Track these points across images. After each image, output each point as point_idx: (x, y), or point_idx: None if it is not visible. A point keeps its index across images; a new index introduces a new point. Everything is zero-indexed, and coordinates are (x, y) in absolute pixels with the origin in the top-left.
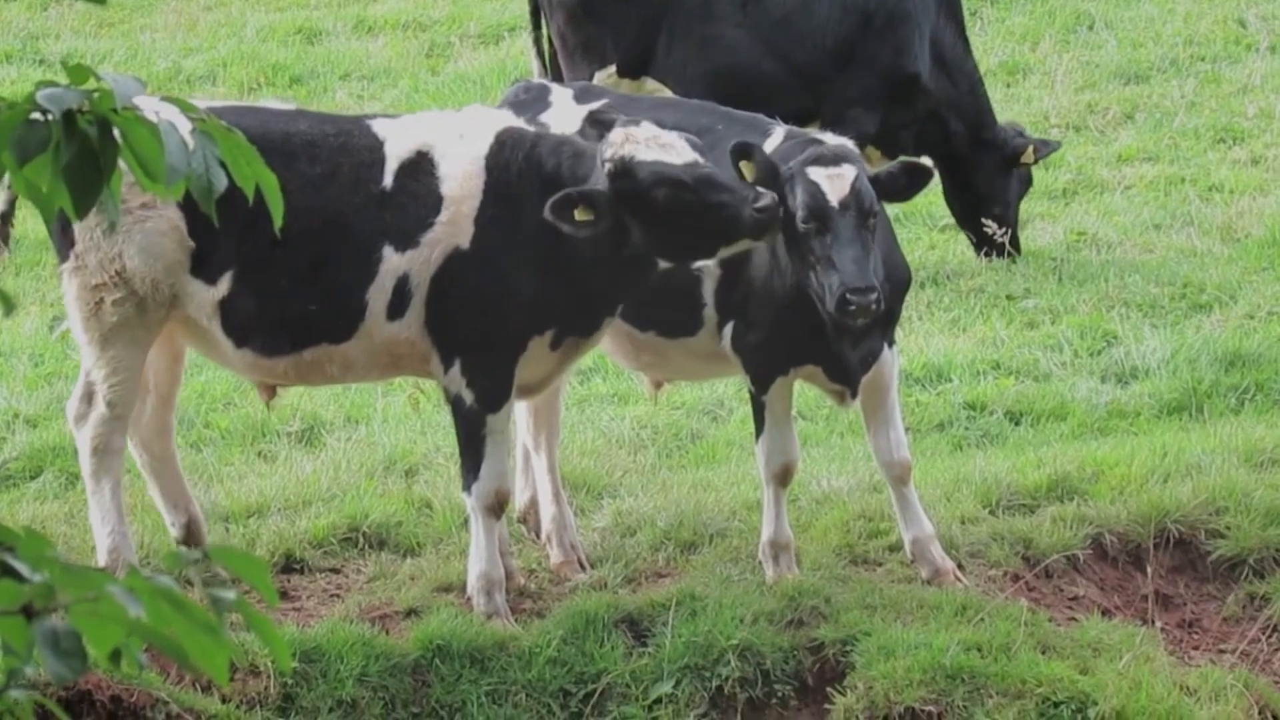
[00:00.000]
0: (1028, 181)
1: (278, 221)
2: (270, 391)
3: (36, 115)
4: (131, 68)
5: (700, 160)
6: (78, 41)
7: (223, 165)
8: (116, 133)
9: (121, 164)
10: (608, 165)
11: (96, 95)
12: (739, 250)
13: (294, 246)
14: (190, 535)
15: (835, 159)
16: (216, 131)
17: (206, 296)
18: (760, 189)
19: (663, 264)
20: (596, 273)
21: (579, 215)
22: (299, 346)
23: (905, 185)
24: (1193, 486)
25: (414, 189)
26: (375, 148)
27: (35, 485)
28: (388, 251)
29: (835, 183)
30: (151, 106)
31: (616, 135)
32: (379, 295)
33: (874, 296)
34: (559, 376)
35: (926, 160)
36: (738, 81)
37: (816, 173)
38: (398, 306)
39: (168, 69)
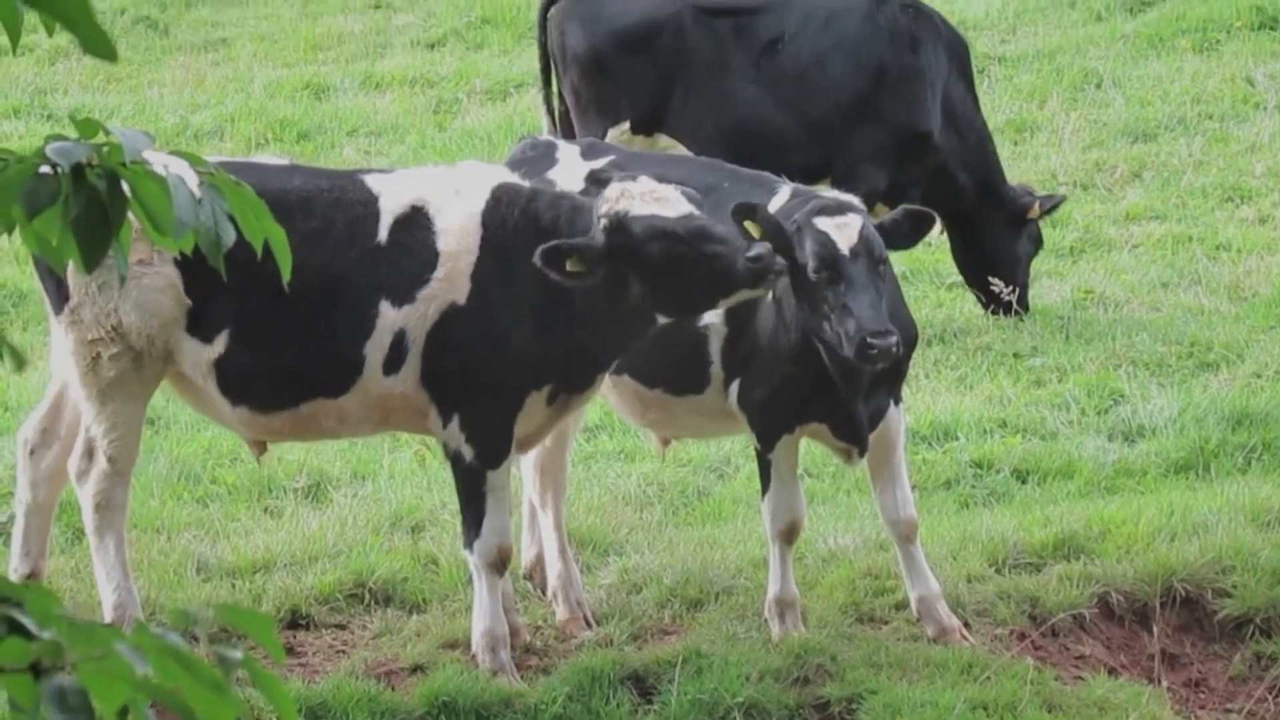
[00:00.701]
0: (1038, 240)
1: (286, 276)
2: (261, 447)
3: (46, 169)
4: (139, 123)
5: (695, 212)
6: (85, 96)
7: (231, 219)
8: (125, 186)
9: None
10: (603, 220)
11: (105, 149)
12: (738, 301)
13: (290, 303)
14: None
15: (840, 208)
16: (225, 186)
17: (202, 355)
18: (754, 240)
19: (662, 319)
20: (594, 328)
21: (570, 266)
22: (295, 401)
23: (909, 232)
24: (1199, 546)
25: (409, 244)
26: (370, 202)
27: None
28: (384, 306)
29: (844, 231)
30: (160, 161)
31: (612, 190)
32: (376, 350)
33: (894, 340)
34: (550, 431)
35: None
36: (752, 137)
37: (824, 222)
38: (394, 361)
39: (175, 124)
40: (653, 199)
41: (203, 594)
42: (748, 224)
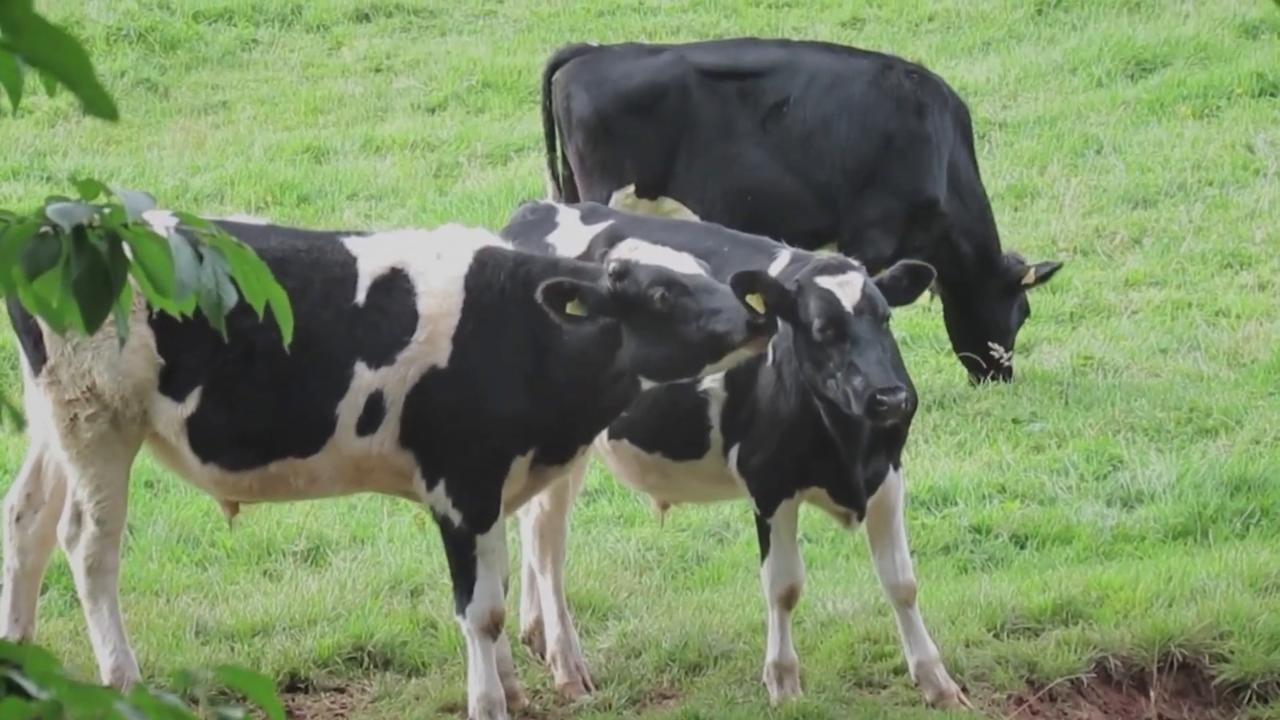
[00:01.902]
0: (1026, 310)
1: (288, 338)
2: (233, 508)
3: (47, 229)
4: (139, 185)
5: (703, 273)
6: (85, 158)
7: (232, 281)
8: (127, 248)
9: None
10: (612, 264)
11: (107, 210)
12: (726, 367)
13: (263, 362)
14: None
15: (841, 267)
16: (226, 247)
17: (175, 414)
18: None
19: (646, 384)
20: (577, 396)
21: (571, 309)
22: (265, 460)
23: (908, 287)
24: (1197, 611)
25: (388, 306)
26: (348, 263)
27: (40, 603)
28: (359, 367)
29: (847, 289)
30: (162, 221)
31: (624, 245)
32: (349, 410)
33: (903, 396)
34: (531, 498)
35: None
36: (757, 200)
37: (827, 281)
38: (368, 422)
39: (175, 186)
40: (662, 257)
41: (201, 657)
42: (750, 297)
